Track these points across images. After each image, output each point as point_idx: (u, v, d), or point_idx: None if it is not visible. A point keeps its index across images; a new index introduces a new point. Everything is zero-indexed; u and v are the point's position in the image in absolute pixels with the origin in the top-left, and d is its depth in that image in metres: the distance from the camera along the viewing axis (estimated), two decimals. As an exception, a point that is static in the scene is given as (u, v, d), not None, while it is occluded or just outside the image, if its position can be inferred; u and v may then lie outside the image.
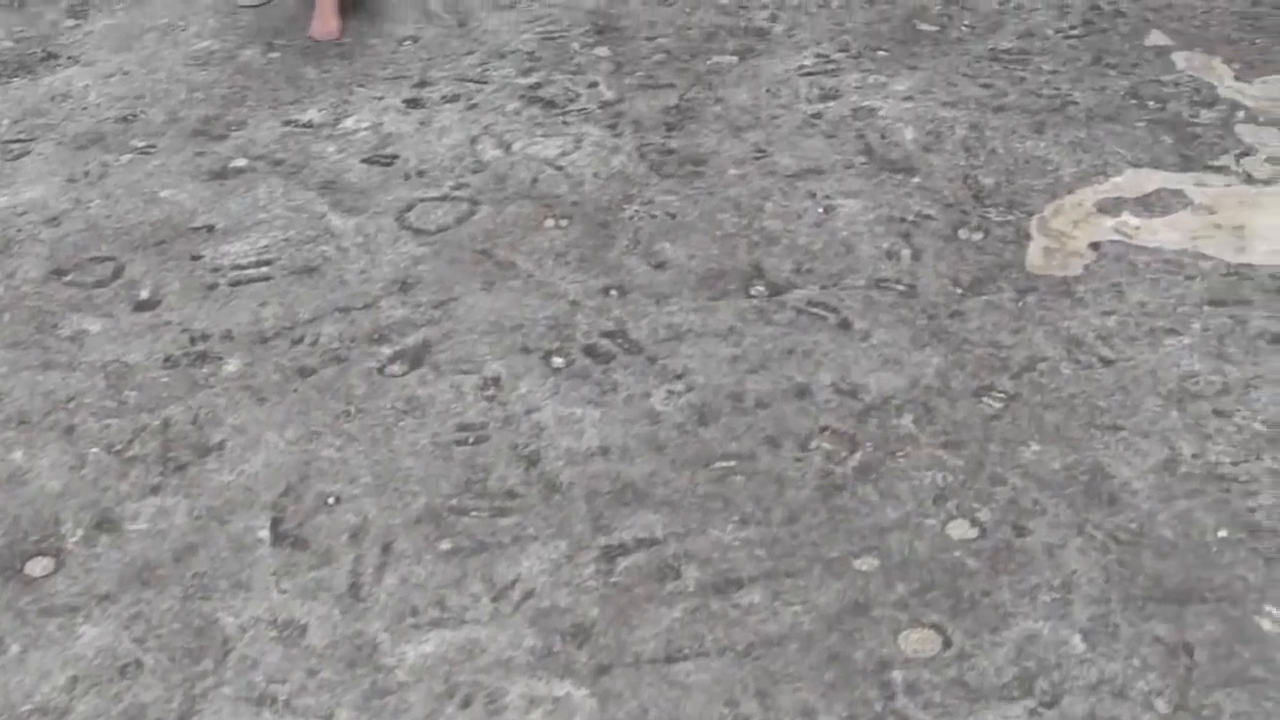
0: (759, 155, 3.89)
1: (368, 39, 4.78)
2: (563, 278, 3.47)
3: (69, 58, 4.79)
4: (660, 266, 3.48)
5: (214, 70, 4.66)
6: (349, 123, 4.26)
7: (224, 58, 4.74)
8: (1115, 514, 2.72)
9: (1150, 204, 3.62)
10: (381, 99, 4.37)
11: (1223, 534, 2.64)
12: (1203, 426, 2.91)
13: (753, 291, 3.38)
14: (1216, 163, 3.78)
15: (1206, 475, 2.80)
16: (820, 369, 3.11)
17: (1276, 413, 2.93)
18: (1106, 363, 3.09)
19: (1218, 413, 2.95)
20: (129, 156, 4.18)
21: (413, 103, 4.32)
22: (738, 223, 3.63)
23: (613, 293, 3.40)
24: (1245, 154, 3.80)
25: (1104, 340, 3.17)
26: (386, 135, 4.16)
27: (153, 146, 4.22)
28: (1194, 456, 2.84)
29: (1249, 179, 3.70)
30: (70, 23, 5.08)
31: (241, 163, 4.10)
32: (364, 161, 4.05)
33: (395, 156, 4.05)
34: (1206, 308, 3.26)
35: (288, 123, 4.31)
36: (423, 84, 4.43)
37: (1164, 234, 3.53)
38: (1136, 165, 3.79)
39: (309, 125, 4.27)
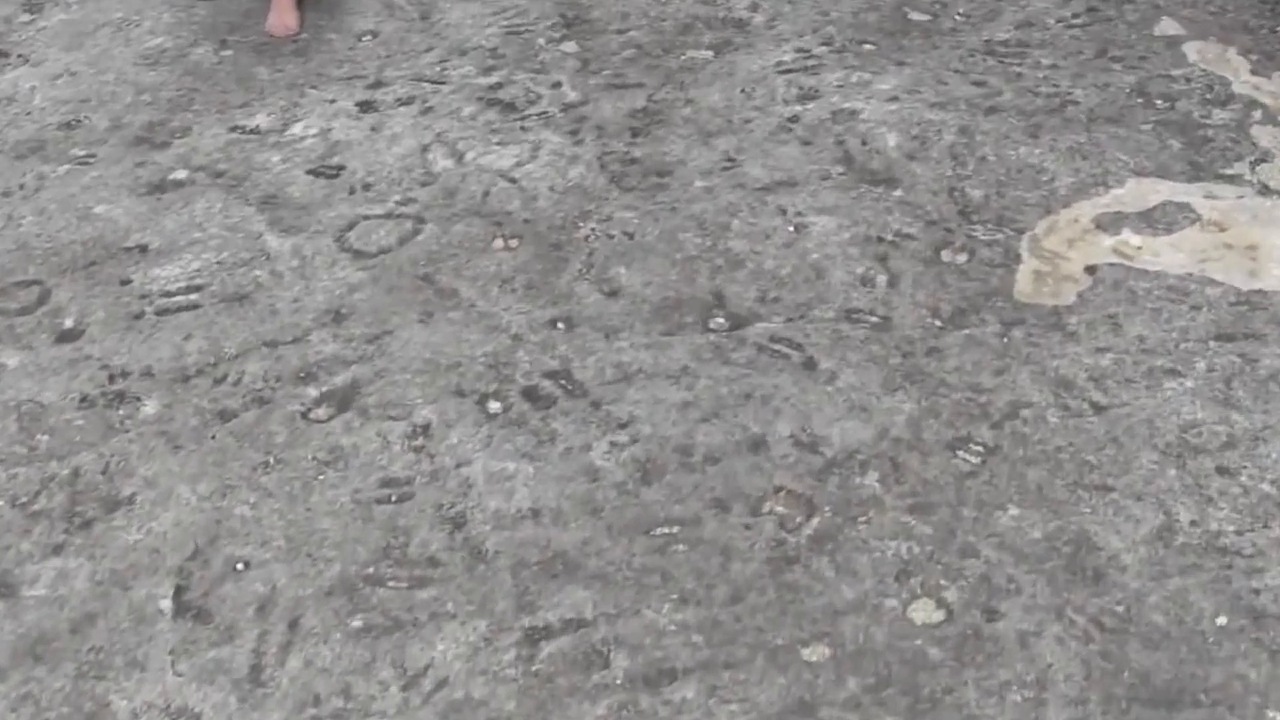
0: (728, 165, 3.56)
1: (325, 34, 4.47)
2: (507, 308, 3.15)
3: (19, 56, 4.50)
4: (613, 295, 3.16)
5: (163, 70, 4.35)
6: (297, 128, 3.95)
7: (175, 56, 4.44)
8: (1100, 593, 2.41)
9: (1154, 220, 3.28)
10: (334, 101, 4.05)
11: (1221, 621, 2.33)
12: (1204, 487, 2.59)
13: (712, 324, 3.06)
14: (1229, 171, 3.44)
15: (1206, 547, 2.48)
16: (779, 417, 2.79)
17: None
18: (1098, 409, 2.77)
19: (1221, 470, 2.62)
20: (67, 167, 3.89)
21: (365, 106, 4.01)
22: (700, 244, 3.30)
23: (560, 326, 3.09)
24: (1261, 160, 3.45)
25: (1096, 382, 2.84)
26: (335, 143, 3.85)
27: (92, 156, 3.93)
28: (1192, 524, 2.52)
29: (1264, 190, 3.36)
30: (25, 17, 4.79)
31: (182, 174, 3.80)
32: (309, 173, 3.75)
33: (342, 167, 3.74)
34: (1213, 344, 2.92)
35: (234, 128, 4.00)
36: (378, 84, 4.12)
37: (1168, 255, 3.19)
38: (1140, 174, 3.44)
39: (255, 131, 3.96)
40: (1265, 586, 2.40)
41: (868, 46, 4.10)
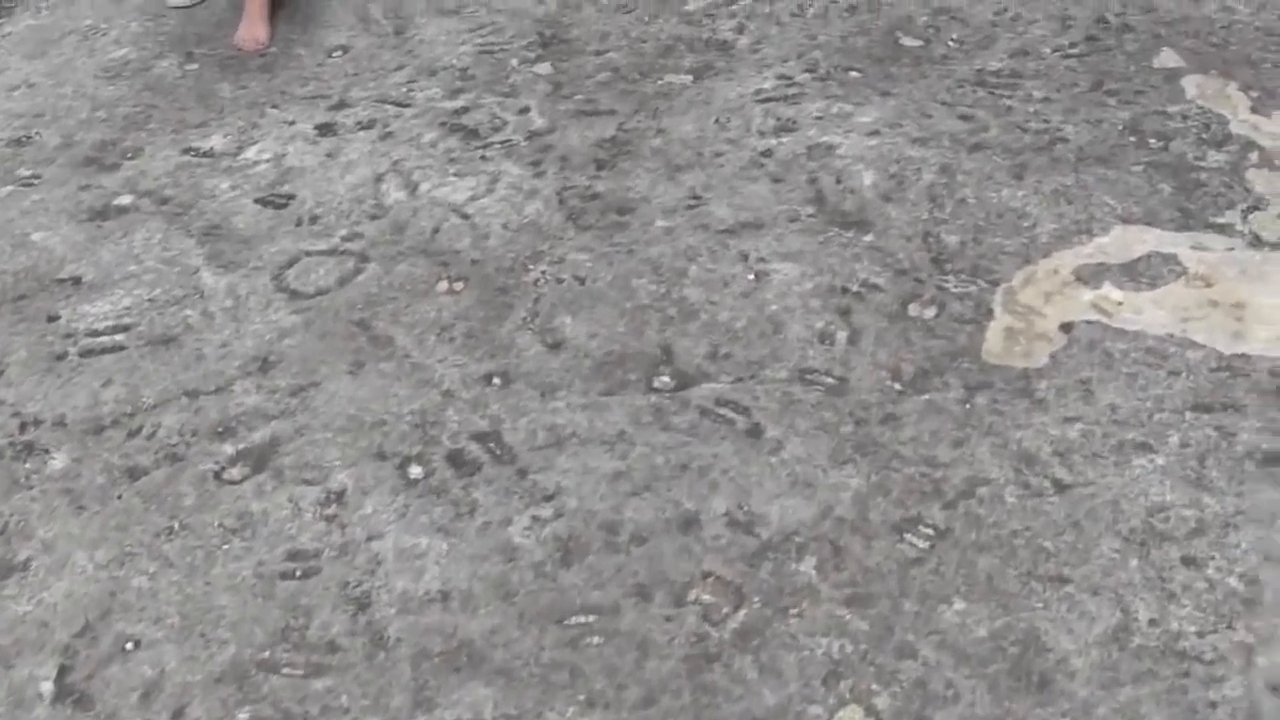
0: (693, 203, 3.34)
1: (295, 48, 4.28)
2: (442, 359, 2.95)
3: (-18, 64, 4.32)
4: (555, 347, 2.95)
5: (123, 85, 4.18)
6: (251, 152, 3.76)
7: (138, 69, 4.26)
8: (1044, 703, 2.19)
9: (1138, 272, 3.04)
10: (293, 123, 3.86)
11: (1170, 742, 2.09)
12: (1166, 581, 2.36)
13: (656, 383, 2.85)
14: (1220, 219, 3.19)
15: (1164, 650, 2.26)
16: (716, 492, 2.57)
17: (1257, 564, 2.36)
18: (1061, 488, 2.54)
19: (1187, 561, 2.39)
20: (10, 189, 3.73)
21: (325, 129, 3.81)
22: (654, 291, 3.09)
23: (495, 381, 2.88)
24: (1254, 208, 3.20)
25: (1061, 457, 2.60)
26: (288, 169, 3.66)
27: (38, 177, 3.76)
28: (1151, 623, 2.30)
29: (1256, 241, 3.11)
30: (-6, 22, 4.62)
31: (126, 200, 3.62)
32: (257, 201, 3.56)
33: (291, 196, 3.55)
34: (1189, 415, 2.68)
35: (187, 150, 3.83)
36: (341, 105, 3.92)
37: (1149, 313, 2.95)
38: (1127, 221, 3.20)
39: (209, 154, 3.78)
40: (1223, 699, 2.17)
41: (854, 74, 3.86)
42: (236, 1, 4.37)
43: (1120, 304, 3.03)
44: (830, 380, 2.85)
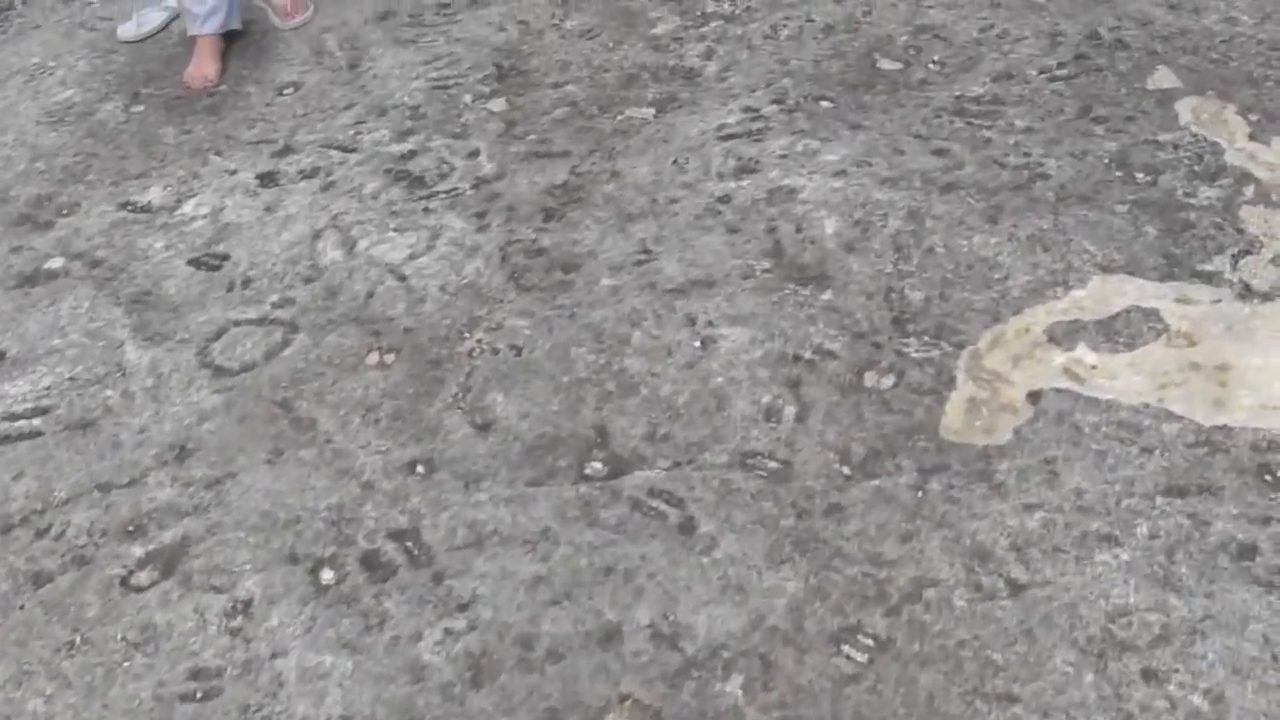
0: (643, 258, 3.12)
1: (245, 86, 4.07)
2: (365, 445, 2.75)
3: (-72, 108, 4.16)
4: (485, 429, 2.74)
5: (65, 132, 3.99)
6: (189, 206, 3.58)
7: (81, 114, 4.07)
8: None
9: (1115, 331, 2.79)
10: (234, 172, 3.66)
11: None
12: (1123, 700, 2.14)
13: (588, 469, 2.64)
14: (1207, 266, 2.93)
15: (1116, 787, 2.01)
16: (641, 600, 2.36)
17: (1225, 678, 2.12)
18: (1015, 590, 2.31)
19: (1147, 676, 2.17)
20: (-58, 251, 3.52)
21: (267, 178, 3.61)
22: (593, 362, 2.87)
23: (418, 470, 2.68)
24: (1245, 253, 2.94)
25: (1018, 552, 2.37)
26: (224, 226, 3.47)
27: (-29, 237, 3.56)
28: (1104, 753, 2.05)
29: (1244, 292, 2.85)
30: (-53, 61, 4.45)
31: (58, 263, 3.45)
32: (191, 263, 3.37)
33: (226, 257, 3.36)
34: (1160, 500, 2.45)
35: (124, 205, 3.64)
36: (286, 150, 3.72)
37: (1125, 379, 2.70)
38: (1107, 270, 2.94)
39: (146, 209, 3.60)
40: None
41: (824, 103, 3.61)
42: (188, 36, 4.16)
43: (1094, 368, 2.78)
44: (773, 464, 2.63)
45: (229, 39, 4.21)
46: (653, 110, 3.71)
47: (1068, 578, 2.39)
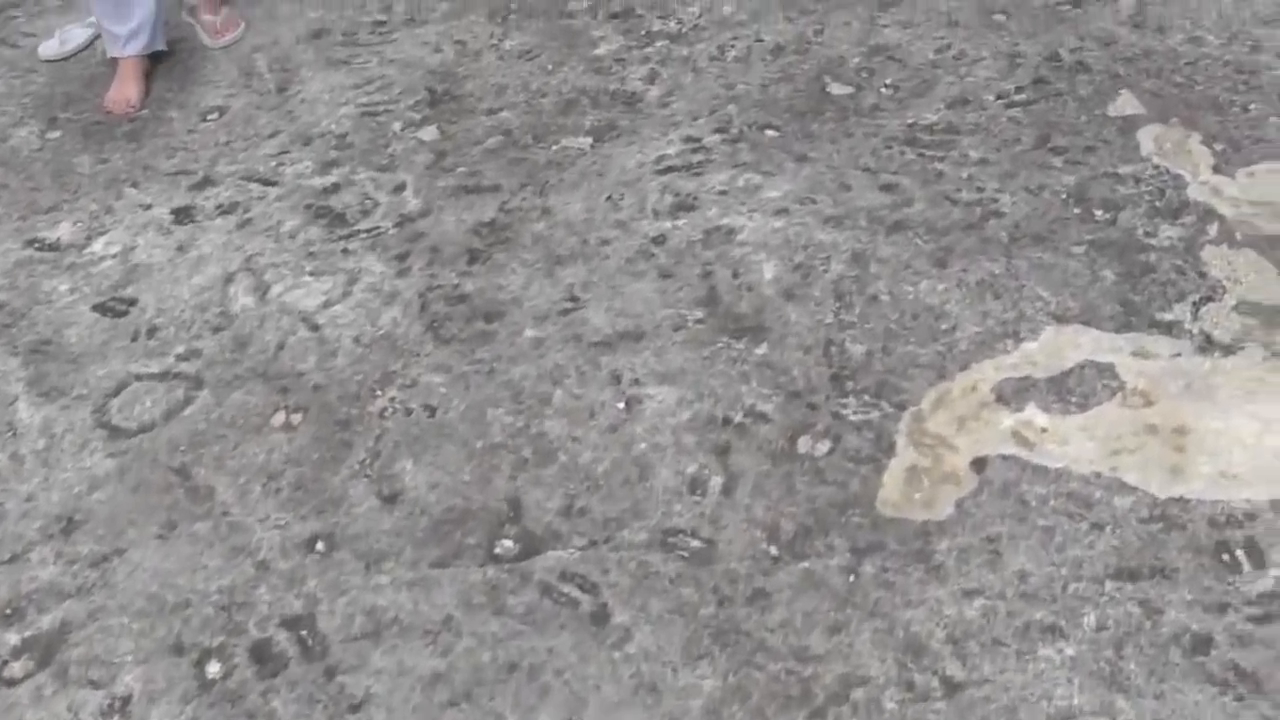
0: (570, 306, 2.92)
1: (168, 110, 3.86)
2: (264, 518, 2.55)
3: None
4: (391, 500, 2.54)
5: (-23, 161, 3.75)
6: (99, 245, 3.37)
7: (-4, 140, 3.83)
8: None
9: (1067, 390, 2.60)
10: (149, 207, 3.46)
11: None
12: (1064, 822, 1.92)
13: (498, 548, 2.44)
14: (1167, 315, 2.74)
15: None
16: (545, 700, 2.17)
17: None
18: (950, 689, 2.12)
19: (1092, 792, 1.95)
20: None
21: (182, 214, 3.41)
22: (510, 425, 2.66)
23: (318, 547, 2.48)
24: (1207, 299, 2.74)
25: (955, 645, 2.18)
26: (134, 267, 3.26)
27: None
28: None
29: (1205, 344, 2.65)
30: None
31: (-43, 308, 3.21)
32: (95, 308, 3.16)
33: (133, 302, 3.15)
34: (1109, 585, 2.26)
35: (32, 242, 3.44)
36: (205, 183, 3.51)
37: (1076, 443, 2.51)
38: (1061, 319, 2.74)
39: (54, 247, 3.38)
40: None
41: (770, 132, 3.40)
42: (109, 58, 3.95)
43: (1044, 431, 2.57)
44: (696, 544, 2.42)
45: (154, 59, 3.99)
46: (590, 139, 3.49)
47: (1007, 675, 2.18)
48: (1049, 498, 2.48)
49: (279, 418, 2.85)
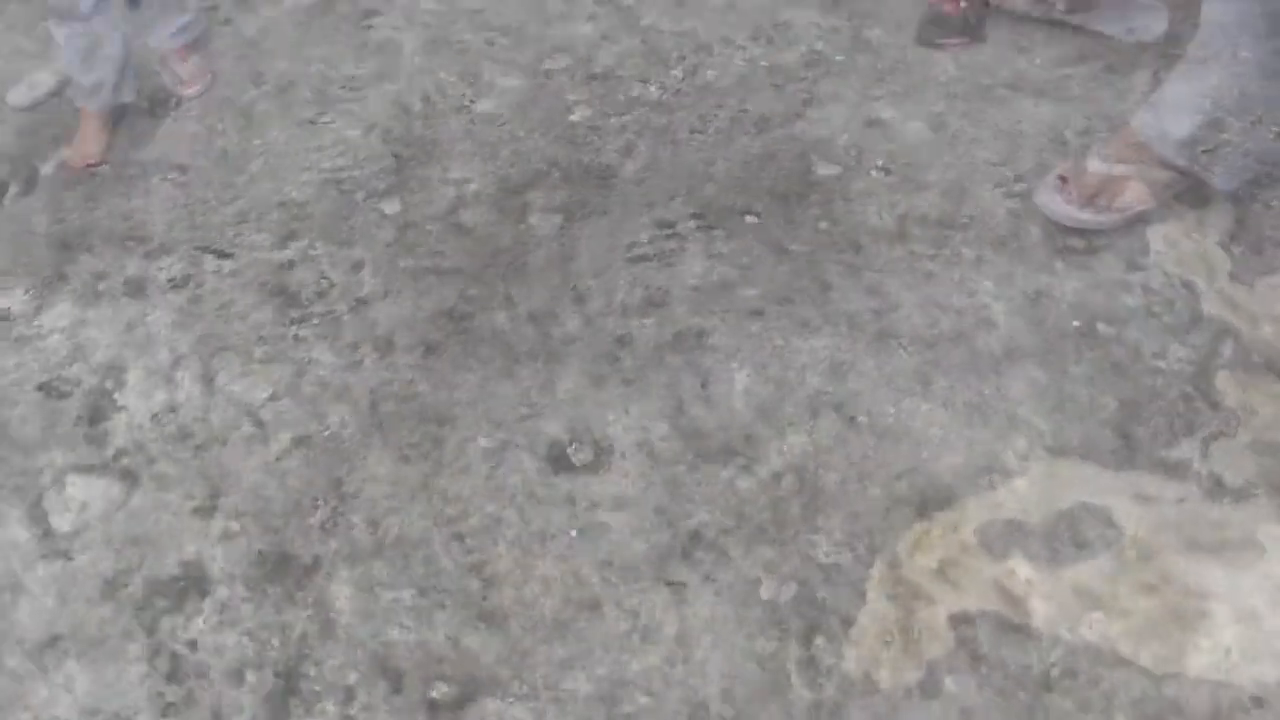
0: (527, 414, 2.69)
1: (129, 169, 3.72)
2: (191, 641, 2.32)
3: None
4: (326, 630, 2.31)
5: (-74, 218, 3.55)
6: (49, 317, 3.20)
7: (-52, 196, 3.63)
8: None
9: (1057, 537, 2.39)
10: (102, 277, 3.24)
11: None
12: None
13: (434, 692, 2.20)
14: (1173, 453, 2.50)
15: None
16: None
17: None
18: None
19: None
20: None
21: (133, 287, 3.23)
22: (456, 550, 2.43)
23: (248, 678, 2.25)
24: (1219, 435, 2.52)
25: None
26: (80, 344, 3.08)
27: None
28: None
29: (1215, 487, 2.44)
30: None
31: (-113, 388, 3.01)
32: (39, 388, 2.96)
33: (78, 383, 2.92)
34: (1092, 776, 2.02)
35: (-18, 311, 3.20)
36: (159, 251, 3.33)
37: (1063, 603, 2.29)
38: (1056, 453, 2.54)
39: (4, 318, 3.15)
40: None
41: (749, 218, 3.18)
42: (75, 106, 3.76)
43: (1029, 584, 2.35)
44: (644, 700, 2.20)
45: (121, 110, 3.78)
46: (560, 217, 3.28)
47: None
48: (1031, 668, 2.25)
49: (217, 524, 2.63)
